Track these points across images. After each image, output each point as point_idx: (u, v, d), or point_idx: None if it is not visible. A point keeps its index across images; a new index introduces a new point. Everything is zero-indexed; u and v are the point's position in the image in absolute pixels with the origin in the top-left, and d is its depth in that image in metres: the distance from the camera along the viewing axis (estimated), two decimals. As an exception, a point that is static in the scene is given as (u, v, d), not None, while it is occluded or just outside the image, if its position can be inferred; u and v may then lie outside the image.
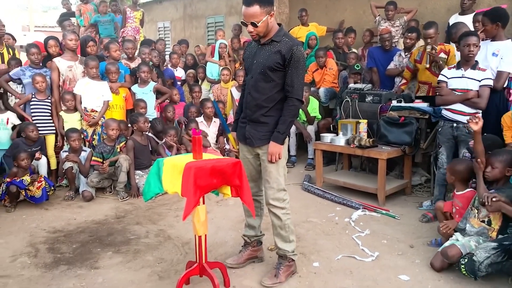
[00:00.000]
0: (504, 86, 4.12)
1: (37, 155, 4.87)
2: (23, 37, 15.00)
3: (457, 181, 3.50)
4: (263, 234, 3.32)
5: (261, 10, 2.68)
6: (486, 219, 3.10)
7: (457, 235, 3.20)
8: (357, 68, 5.97)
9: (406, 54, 5.61)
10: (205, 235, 2.78)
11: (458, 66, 4.01)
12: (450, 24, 5.68)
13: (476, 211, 3.17)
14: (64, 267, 3.26)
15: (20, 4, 30.96)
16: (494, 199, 2.91)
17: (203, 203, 2.73)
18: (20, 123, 5.11)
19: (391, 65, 5.85)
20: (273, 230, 3.03)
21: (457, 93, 3.97)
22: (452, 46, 4.94)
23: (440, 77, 4.15)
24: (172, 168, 2.68)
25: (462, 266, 2.90)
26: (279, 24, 2.89)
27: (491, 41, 4.14)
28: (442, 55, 4.93)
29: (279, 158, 2.84)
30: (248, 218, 3.24)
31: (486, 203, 2.94)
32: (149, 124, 5.45)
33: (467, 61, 3.93)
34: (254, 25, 2.71)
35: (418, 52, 5.19)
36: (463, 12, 5.70)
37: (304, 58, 2.85)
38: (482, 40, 4.15)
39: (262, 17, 2.69)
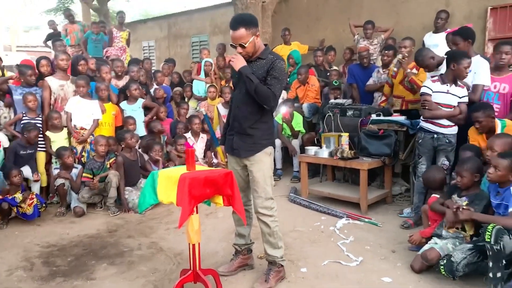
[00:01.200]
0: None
1: (34, 177, 5.00)
2: (5, 57, 15.03)
3: (433, 189, 3.76)
4: (253, 243, 3.48)
5: (247, 32, 2.90)
6: (459, 226, 3.32)
7: (435, 239, 3.41)
8: (336, 84, 6.25)
9: (384, 70, 5.91)
10: (199, 243, 2.93)
11: (443, 81, 4.16)
12: (425, 41, 6.01)
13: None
14: (61, 279, 3.36)
15: (2, 24, 30.88)
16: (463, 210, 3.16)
17: (197, 212, 2.89)
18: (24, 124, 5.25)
19: (370, 81, 6.14)
20: (262, 237, 3.20)
21: (441, 107, 4.16)
22: None
23: (425, 89, 4.23)
24: (167, 180, 2.84)
25: (441, 266, 3.11)
26: (266, 44, 3.11)
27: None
28: (414, 70, 5.22)
29: (234, 57, 2.99)
30: (238, 228, 3.40)
31: (457, 215, 3.17)
32: (138, 140, 5.59)
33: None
34: (242, 46, 2.92)
35: (393, 68, 5.49)
36: (436, 30, 6.05)
37: (285, 71, 3.08)
38: None
39: (249, 38, 2.91)
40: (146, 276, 3.39)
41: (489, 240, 2.88)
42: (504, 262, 2.88)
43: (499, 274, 2.85)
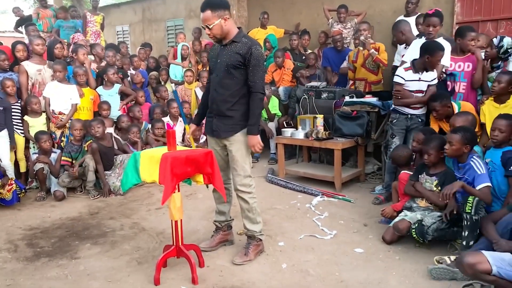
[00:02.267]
0: (442, 79, 4.63)
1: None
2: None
3: (400, 166, 4.00)
4: (233, 219, 3.63)
5: (213, 14, 3.03)
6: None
7: (405, 212, 3.63)
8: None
9: (349, 57, 6.13)
10: (181, 220, 3.06)
11: (415, 69, 4.30)
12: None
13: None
14: (45, 259, 3.45)
15: (-34, 9, 29.73)
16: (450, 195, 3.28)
17: (178, 190, 3.01)
18: None
19: (344, 64, 6.33)
20: (241, 213, 3.35)
21: (413, 94, 4.35)
22: (382, 44, 5.51)
23: (397, 79, 4.38)
24: (149, 159, 2.95)
25: (413, 230, 3.34)
26: (239, 27, 3.22)
27: (426, 39, 4.59)
28: (373, 51, 5.54)
29: (260, 147, 3.20)
30: (218, 205, 3.54)
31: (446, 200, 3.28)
32: (111, 125, 5.64)
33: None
34: (207, 27, 3.06)
35: (353, 53, 5.76)
36: (407, 14, 6.25)
37: (263, 55, 3.20)
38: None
39: (214, 20, 3.04)
40: (130, 254, 3.51)
41: (469, 211, 3.07)
42: (477, 232, 3.10)
43: (471, 243, 3.08)
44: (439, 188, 3.45)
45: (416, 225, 3.36)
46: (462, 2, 6.41)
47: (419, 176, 3.65)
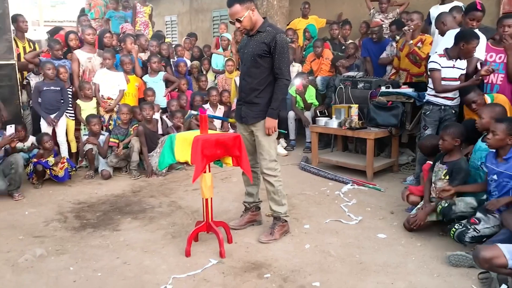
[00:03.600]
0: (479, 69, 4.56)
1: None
2: (33, 32, 15.49)
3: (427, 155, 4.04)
4: (261, 201, 3.83)
5: (241, 7, 3.21)
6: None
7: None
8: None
9: (397, 44, 6.07)
10: (211, 198, 3.30)
11: (449, 56, 4.31)
12: (431, 13, 6.13)
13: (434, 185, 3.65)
14: (90, 229, 3.81)
15: (29, 0, 31.56)
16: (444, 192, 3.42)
17: (209, 171, 3.24)
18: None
19: (384, 55, 6.32)
20: (267, 195, 3.55)
21: (448, 82, 4.33)
22: (429, 36, 5.41)
23: (434, 65, 4.35)
24: (183, 141, 3.20)
25: (439, 207, 3.38)
26: (264, 18, 3.39)
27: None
28: (411, 42, 5.43)
29: (275, 131, 3.35)
30: (247, 187, 3.76)
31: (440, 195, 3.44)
32: (158, 110, 5.98)
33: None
34: (238, 21, 3.22)
35: (402, 41, 5.66)
36: (442, 2, 6.10)
37: (287, 43, 3.34)
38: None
39: (244, 12, 3.21)
40: (166, 228, 3.80)
41: None
42: None
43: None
44: (447, 177, 3.48)
45: (446, 205, 3.34)
46: (509, -9, 6.19)
47: (436, 164, 3.68)
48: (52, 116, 5.51)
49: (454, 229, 3.20)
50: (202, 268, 3.05)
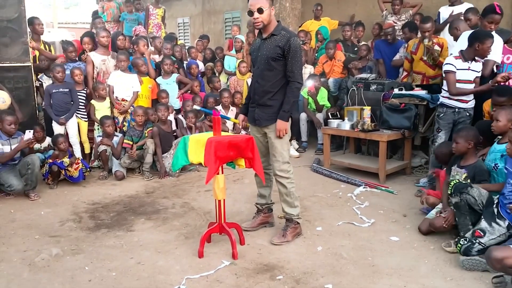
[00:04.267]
0: (496, 72, 4.53)
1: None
2: (47, 34, 15.70)
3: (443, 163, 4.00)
4: (273, 203, 3.85)
5: (266, 0, 3.23)
6: None
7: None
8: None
9: (407, 47, 6.04)
10: (224, 199, 3.32)
11: (464, 58, 4.29)
12: (440, 13, 6.08)
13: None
14: (105, 230, 3.86)
15: (43, 2, 32.03)
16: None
17: (222, 172, 3.26)
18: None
19: (397, 57, 6.29)
20: (280, 197, 3.56)
21: (462, 84, 4.31)
22: (445, 39, 5.36)
23: (449, 67, 4.33)
24: (196, 143, 3.23)
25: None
26: (278, 21, 3.42)
27: None
28: (437, 47, 5.34)
29: (286, 133, 3.37)
30: (259, 189, 3.78)
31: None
32: (172, 112, 6.03)
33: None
34: (260, 11, 3.22)
35: (413, 43, 5.64)
36: (452, 4, 6.08)
37: (301, 47, 3.36)
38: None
39: (267, 5, 3.24)
40: (179, 229, 3.84)
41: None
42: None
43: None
44: (468, 180, 3.44)
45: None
46: (525, -8, 6.14)
47: (452, 168, 3.65)
48: (63, 117, 5.59)
49: (460, 245, 3.16)
50: (215, 269, 3.07)
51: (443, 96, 4.55)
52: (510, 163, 3.30)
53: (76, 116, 5.76)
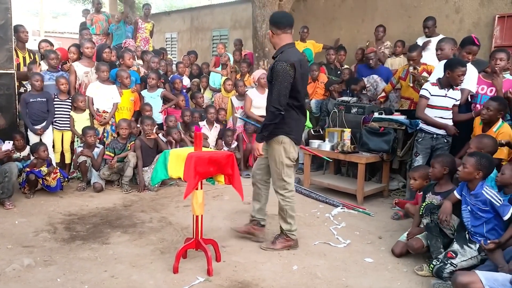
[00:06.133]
0: (470, 101, 4.69)
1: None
2: (33, 42, 15.58)
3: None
4: (263, 219, 3.89)
5: (270, 26, 3.53)
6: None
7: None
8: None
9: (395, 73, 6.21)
10: (202, 215, 3.33)
11: (441, 85, 4.45)
12: (418, 43, 6.29)
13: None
14: (80, 242, 3.81)
15: (31, 10, 31.90)
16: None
17: (201, 188, 3.28)
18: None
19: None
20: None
21: (439, 110, 4.47)
22: (433, 66, 5.54)
23: (423, 92, 4.52)
24: (177, 157, 3.24)
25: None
26: (287, 44, 3.48)
27: None
28: (425, 74, 5.51)
29: (260, 153, 3.59)
30: (252, 201, 3.92)
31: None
32: (153, 127, 6.02)
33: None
34: (271, 36, 3.53)
35: (403, 70, 5.80)
36: (429, 36, 6.33)
37: (284, 71, 3.31)
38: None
39: (272, 31, 3.51)
40: (155, 244, 3.81)
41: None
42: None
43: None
44: None
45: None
46: (501, 25, 6.40)
47: (426, 195, 3.74)
48: (38, 126, 5.55)
49: (432, 265, 3.25)
50: (189, 285, 3.06)
51: (422, 122, 4.67)
52: (463, 190, 3.39)
53: (60, 126, 5.72)
